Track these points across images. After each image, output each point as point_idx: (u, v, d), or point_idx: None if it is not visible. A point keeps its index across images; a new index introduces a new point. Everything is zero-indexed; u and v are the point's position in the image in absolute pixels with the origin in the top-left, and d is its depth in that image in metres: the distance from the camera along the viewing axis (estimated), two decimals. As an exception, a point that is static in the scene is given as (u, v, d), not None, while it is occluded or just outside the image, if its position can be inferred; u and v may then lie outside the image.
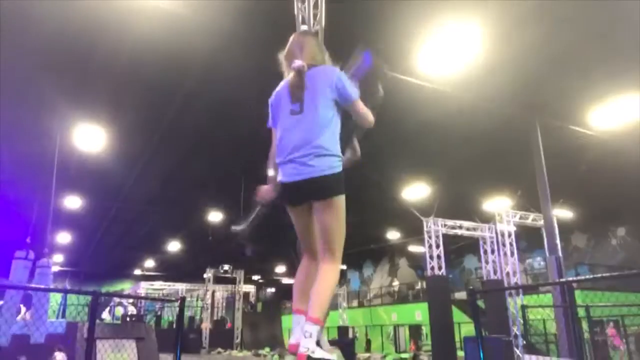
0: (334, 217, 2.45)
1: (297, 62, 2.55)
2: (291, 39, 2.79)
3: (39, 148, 11.80)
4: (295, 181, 2.45)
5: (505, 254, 13.54)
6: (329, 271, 2.45)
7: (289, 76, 2.64)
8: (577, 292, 13.99)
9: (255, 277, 34.08)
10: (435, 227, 13.34)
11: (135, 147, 12.49)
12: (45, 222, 11.57)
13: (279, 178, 2.55)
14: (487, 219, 14.55)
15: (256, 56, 8.42)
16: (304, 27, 5.43)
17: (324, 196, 2.44)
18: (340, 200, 2.46)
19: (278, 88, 2.73)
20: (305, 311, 2.38)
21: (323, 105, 2.50)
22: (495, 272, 13.57)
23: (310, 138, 2.45)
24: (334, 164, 2.44)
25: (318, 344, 2.38)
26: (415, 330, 20.60)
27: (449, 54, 8.35)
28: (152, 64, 8.68)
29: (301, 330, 2.34)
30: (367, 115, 2.65)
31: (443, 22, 7.73)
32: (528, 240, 21.15)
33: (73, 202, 15.92)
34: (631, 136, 11.64)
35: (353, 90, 2.57)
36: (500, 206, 14.54)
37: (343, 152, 2.59)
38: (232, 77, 9.23)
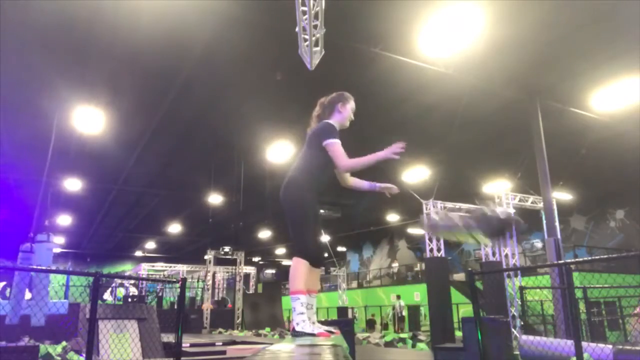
0: None
1: None
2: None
3: (37, 130, 11.76)
4: None
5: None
6: None
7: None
8: (575, 274, 14.11)
9: (256, 259, 34.30)
10: (435, 209, 13.35)
11: (134, 130, 12.44)
12: (45, 203, 11.61)
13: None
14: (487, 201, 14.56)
15: (255, 39, 8.37)
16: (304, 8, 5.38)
17: None
18: None
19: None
20: None
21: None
22: (494, 254, 13.64)
23: None
24: None
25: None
26: (413, 311, 20.78)
27: (450, 36, 8.26)
28: (151, 46, 8.60)
29: None
30: None
31: (444, 3, 7.64)
32: (527, 222, 21.22)
33: (73, 185, 15.93)
34: (632, 119, 11.60)
35: None
36: (499, 188, 14.55)
37: None
38: (231, 60, 9.17)
